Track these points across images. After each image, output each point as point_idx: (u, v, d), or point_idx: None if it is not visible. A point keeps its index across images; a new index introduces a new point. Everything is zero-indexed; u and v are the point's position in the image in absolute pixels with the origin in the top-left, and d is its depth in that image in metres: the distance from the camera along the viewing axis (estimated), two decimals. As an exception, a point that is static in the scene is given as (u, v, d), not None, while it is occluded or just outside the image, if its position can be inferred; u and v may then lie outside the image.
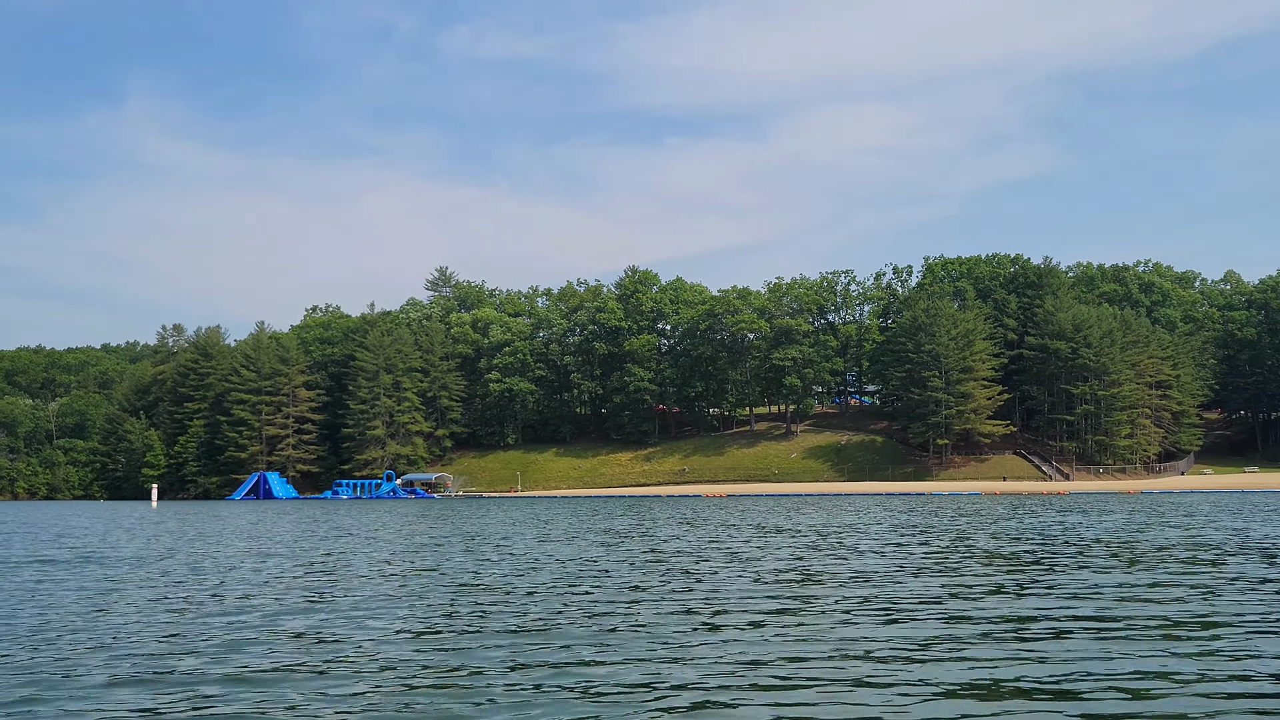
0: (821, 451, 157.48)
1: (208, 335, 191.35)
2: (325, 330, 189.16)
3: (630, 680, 10.88)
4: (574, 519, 53.26)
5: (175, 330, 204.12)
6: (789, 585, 19.33)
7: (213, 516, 68.12)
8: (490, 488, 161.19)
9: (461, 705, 9.87)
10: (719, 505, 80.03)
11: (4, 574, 23.94)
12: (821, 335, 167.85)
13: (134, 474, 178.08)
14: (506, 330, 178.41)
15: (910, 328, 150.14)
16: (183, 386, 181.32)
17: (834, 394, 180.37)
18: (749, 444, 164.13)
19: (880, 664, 11.66)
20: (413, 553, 29.52)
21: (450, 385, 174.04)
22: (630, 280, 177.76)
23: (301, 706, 9.91)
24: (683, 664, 11.72)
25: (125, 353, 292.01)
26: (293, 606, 17.11)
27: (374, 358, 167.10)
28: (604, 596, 17.85)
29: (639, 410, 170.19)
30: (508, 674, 11.24)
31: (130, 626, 15.03)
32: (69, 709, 9.95)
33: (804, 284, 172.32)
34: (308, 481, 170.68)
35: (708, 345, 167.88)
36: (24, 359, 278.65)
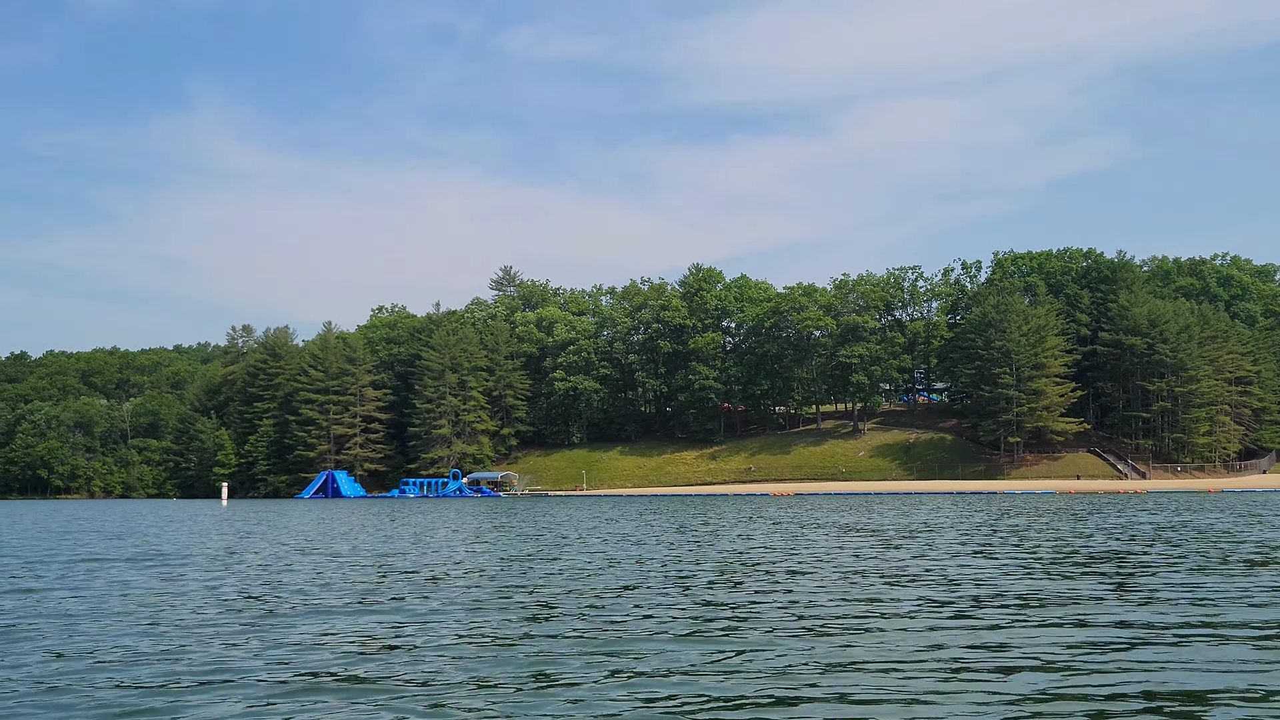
0: (889, 450, 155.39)
1: (276, 336, 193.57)
2: (391, 330, 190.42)
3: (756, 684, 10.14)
4: (653, 518, 52.54)
5: (245, 331, 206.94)
6: (899, 587, 18.45)
7: (316, 518, 68.37)
8: (555, 486, 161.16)
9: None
10: (791, 504, 78.91)
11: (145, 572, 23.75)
12: (889, 332, 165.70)
13: (206, 473, 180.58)
14: (571, 329, 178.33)
15: (980, 324, 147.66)
16: (252, 386, 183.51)
17: (902, 391, 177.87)
18: (815, 442, 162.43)
19: (1030, 671, 10.80)
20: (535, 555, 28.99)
21: (515, 384, 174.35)
22: (694, 278, 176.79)
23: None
24: (815, 671, 10.96)
25: (197, 354, 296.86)
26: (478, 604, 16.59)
27: (440, 357, 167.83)
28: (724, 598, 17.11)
29: (704, 408, 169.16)
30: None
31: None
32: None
33: (870, 280, 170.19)
34: (375, 480, 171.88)
35: (773, 343, 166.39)
36: (99, 360, 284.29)
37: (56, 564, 26.26)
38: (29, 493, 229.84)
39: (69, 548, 33.34)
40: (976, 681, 10.40)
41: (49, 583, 21.11)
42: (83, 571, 23.83)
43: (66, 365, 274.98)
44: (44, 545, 34.99)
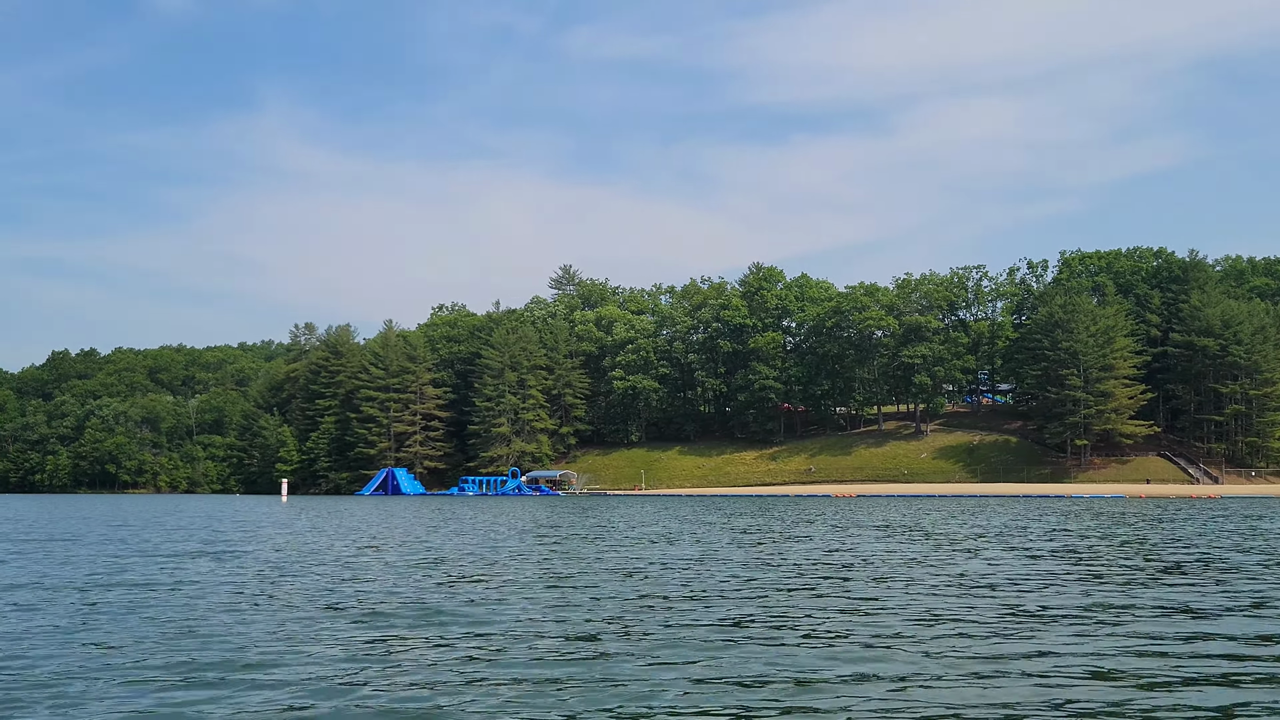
0: (953, 452, 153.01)
1: (338, 334, 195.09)
2: (451, 328, 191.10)
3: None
4: (714, 519, 51.74)
5: (307, 329, 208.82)
6: (985, 594, 17.52)
7: (384, 513, 68.43)
8: (614, 486, 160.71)
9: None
10: (857, 506, 77.63)
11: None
12: (952, 332, 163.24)
13: (268, 469, 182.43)
14: (630, 328, 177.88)
15: (1046, 324, 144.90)
16: (314, 384, 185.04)
17: (965, 393, 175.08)
18: (877, 443, 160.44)
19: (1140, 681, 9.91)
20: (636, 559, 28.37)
21: (574, 383, 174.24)
22: (755, 277, 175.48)
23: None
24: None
25: (260, 351, 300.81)
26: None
27: (499, 355, 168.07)
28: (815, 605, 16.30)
29: (764, 409, 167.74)
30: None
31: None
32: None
33: (933, 280, 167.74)
34: (434, 478, 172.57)
35: (834, 343, 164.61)
36: (166, 357, 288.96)
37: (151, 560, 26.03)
38: (97, 487, 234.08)
39: (155, 542, 33.26)
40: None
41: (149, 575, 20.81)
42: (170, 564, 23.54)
43: (134, 362, 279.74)
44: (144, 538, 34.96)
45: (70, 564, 24.41)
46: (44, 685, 10.47)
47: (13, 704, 9.68)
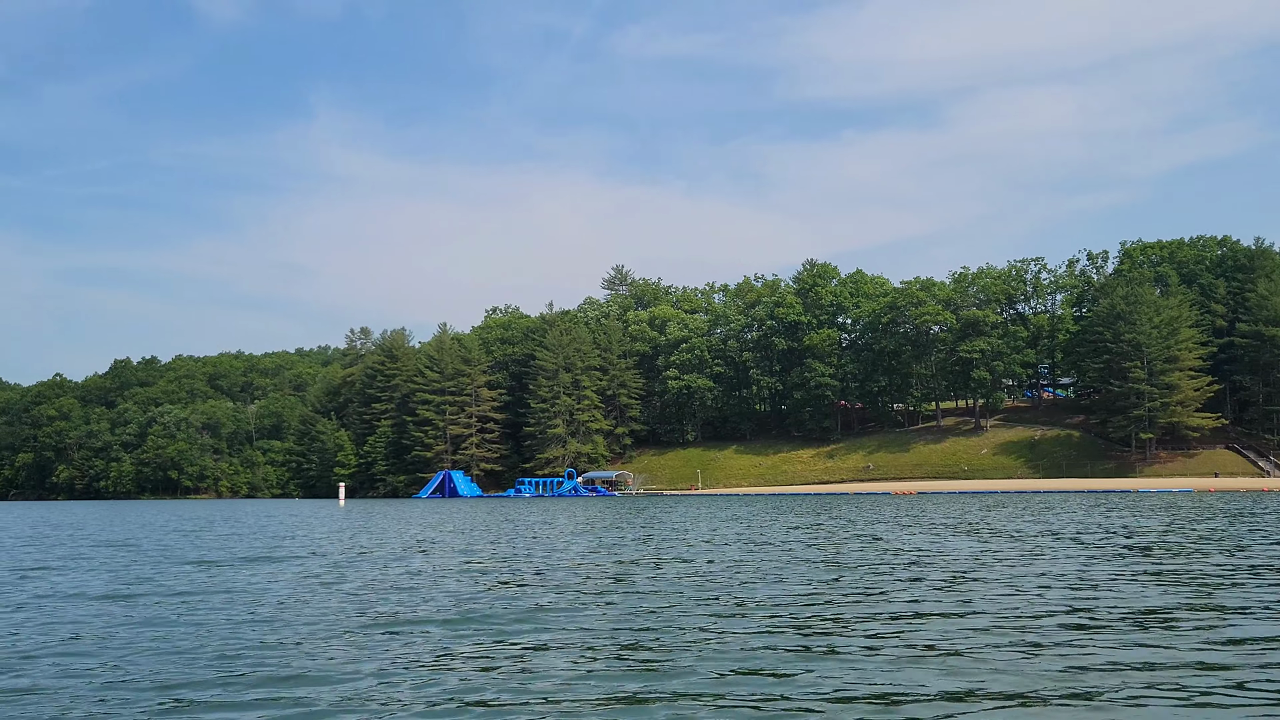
0: (1014, 447, 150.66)
1: (393, 338, 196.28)
2: (505, 330, 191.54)
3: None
4: (781, 519, 50.94)
5: (363, 334, 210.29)
6: (1086, 596, 16.71)
7: (458, 513, 68.39)
8: (670, 486, 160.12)
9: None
10: (921, 504, 76.40)
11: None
12: (1011, 326, 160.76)
13: (327, 473, 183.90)
14: (684, 327, 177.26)
15: (1108, 316, 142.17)
16: (370, 388, 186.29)
17: (1025, 387, 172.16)
18: (936, 440, 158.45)
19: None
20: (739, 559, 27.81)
21: (629, 383, 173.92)
22: (808, 274, 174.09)
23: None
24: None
25: (317, 356, 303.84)
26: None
27: (553, 357, 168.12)
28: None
29: (820, 406, 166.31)
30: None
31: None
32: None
33: (991, 273, 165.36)
34: (491, 480, 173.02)
35: (890, 339, 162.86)
36: (225, 364, 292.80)
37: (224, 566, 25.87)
38: (160, 493, 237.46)
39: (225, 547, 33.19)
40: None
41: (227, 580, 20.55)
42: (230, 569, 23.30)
43: (194, 369, 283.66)
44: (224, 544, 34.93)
45: (141, 570, 24.25)
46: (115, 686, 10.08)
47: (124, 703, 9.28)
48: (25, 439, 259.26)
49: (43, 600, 18.20)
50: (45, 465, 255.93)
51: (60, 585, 20.74)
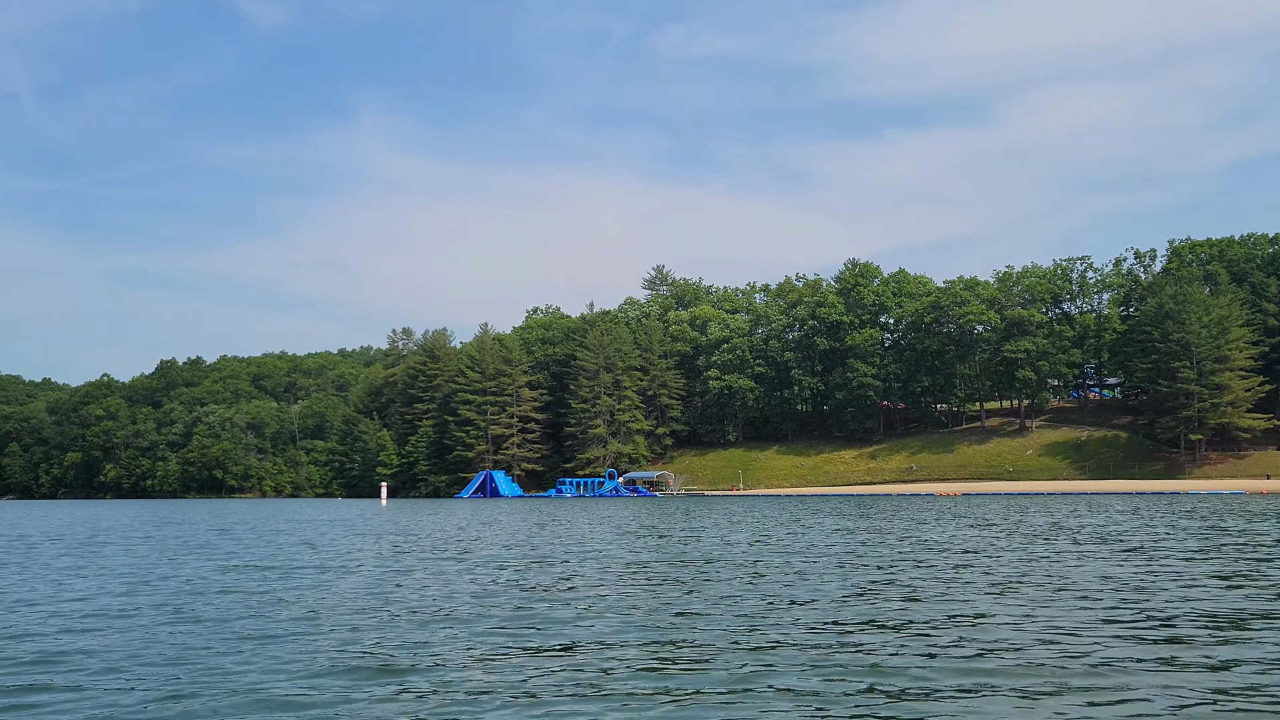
0: (1059, 448, 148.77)
1: (435, 338, 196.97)
2: (546, 331, 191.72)
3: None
4: (832, 521, 50.41)
5: (405, 334, 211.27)
6: (1161, 601, 16.20)
7: (530, 512, 68.37)
8: (711, 486, 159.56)
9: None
10: (968, 505, 75.49)
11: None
12: (1056, 325, 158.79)
13: (369, 472, 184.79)
14: (725, 327, 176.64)
15: (1156, 315, 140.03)
16: (412, 388, 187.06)
17: (1071, 387, 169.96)
18: (980, 441, 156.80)
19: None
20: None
21: (669, 383, 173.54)
22: (850, 273, 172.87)
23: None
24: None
25: (360, 357, 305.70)
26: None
27: (594, 357, 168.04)
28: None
29: (862, 406, 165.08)
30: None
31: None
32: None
33: (1036, 272, 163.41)
34: (532, 480, 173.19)
35: (934, 338, 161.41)
36: (269, 364, 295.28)
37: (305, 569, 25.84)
38: (205, 492, 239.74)
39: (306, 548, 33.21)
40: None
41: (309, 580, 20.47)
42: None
43: (239, 369, 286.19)
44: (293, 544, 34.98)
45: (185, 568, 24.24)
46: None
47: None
48: (74, 438, 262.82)
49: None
50: (93, 464, 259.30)
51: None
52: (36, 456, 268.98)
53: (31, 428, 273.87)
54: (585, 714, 9.11)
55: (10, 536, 31.35)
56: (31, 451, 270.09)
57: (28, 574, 23.05)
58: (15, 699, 9.83)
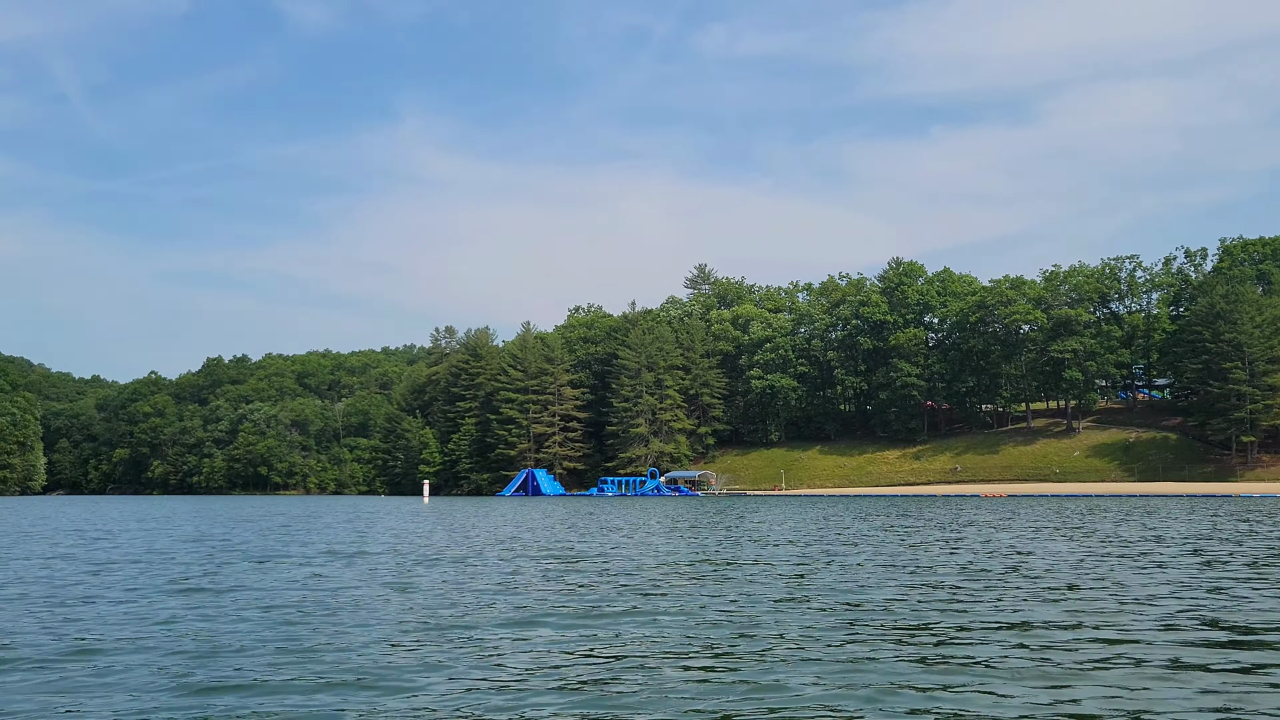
0: (1107, 450, 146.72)
1: (477, 336, 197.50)
2: (588, 329, 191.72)
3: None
4: (879, 521, 49.81)
5: (447, 332, 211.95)
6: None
7: (588, 513, 68.29)
8: (753, 486, 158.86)
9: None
10: (1017, 507, 74.47)
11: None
12: (1104, 325, 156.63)
13: (412, 470, 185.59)
14: (767, 326, 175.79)
15: (1207, 315, 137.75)
16: (455, 386, 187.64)
17: (1119, 388, 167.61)
18: (1026, 441, 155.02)
19: None
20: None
21: (711, 382, 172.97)
22: (894, 272, 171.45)
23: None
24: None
25: (403, 355, 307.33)
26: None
27: (636, 356, 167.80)
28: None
29: (906, 406, 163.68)
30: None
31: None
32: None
33: (1083, 271, 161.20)
34: (574, 479, 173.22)
35: (979, 338, 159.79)
36: (313, 362, 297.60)
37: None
38: (250, 489, 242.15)
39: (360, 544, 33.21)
40: None
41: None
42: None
43: (283, 367, 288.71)
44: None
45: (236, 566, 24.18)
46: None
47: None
48: (122, 435, 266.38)
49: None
50: (141, 461, 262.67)
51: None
52: (86, 453, 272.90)
53: (81, 424, 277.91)
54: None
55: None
56: (81, 448, 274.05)
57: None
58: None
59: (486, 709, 9.19)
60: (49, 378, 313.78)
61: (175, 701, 9.40)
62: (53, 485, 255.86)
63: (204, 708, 9.22)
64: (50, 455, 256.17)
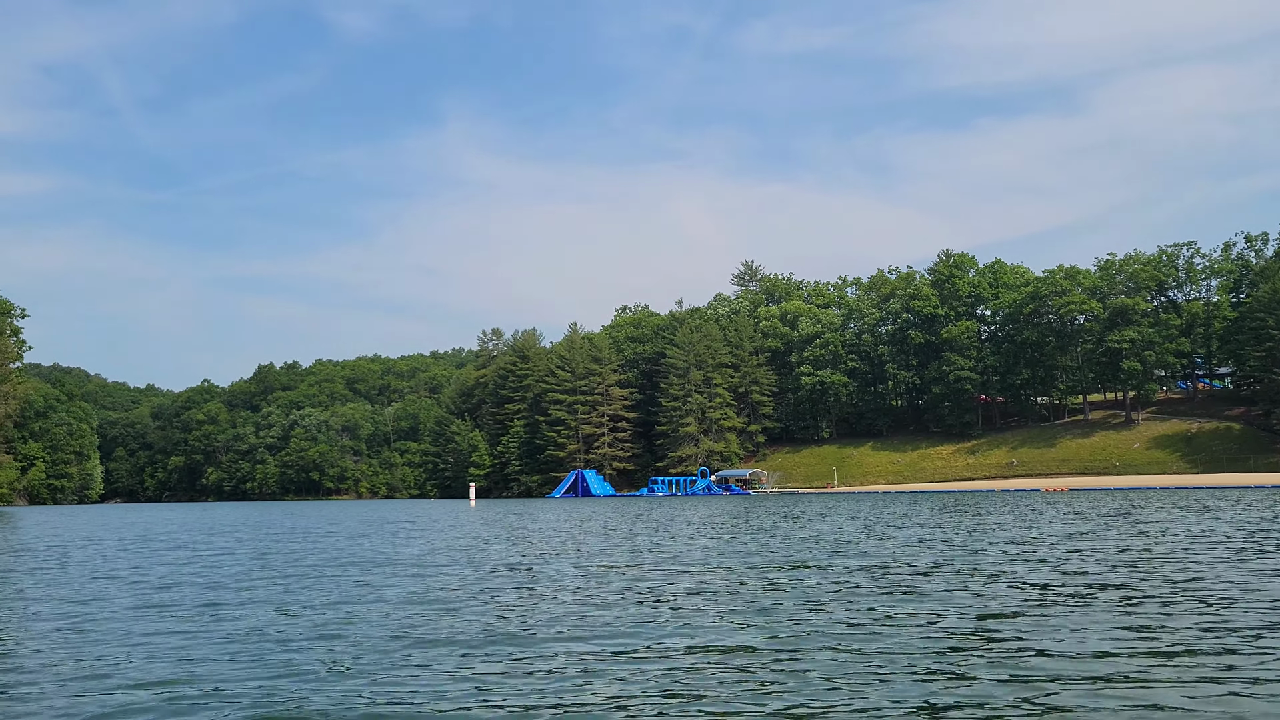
0: (1168, 441, 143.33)
1: (524, 338, 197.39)
2: (635, 329, 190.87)
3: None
4: (957, 520, 48.25)
5: (495, 335, 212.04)
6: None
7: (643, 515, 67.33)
8: (805, 484, 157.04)
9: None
10: (1082, 502, 72.41)
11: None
12: (1162, 314, 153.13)
13: (462, 473, 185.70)
14: (816, 322, 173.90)
15: (1269, 301, 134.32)
16: (503, 388, 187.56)
17: (1179, 378, 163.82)
18: (1083, 434, 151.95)
19: None
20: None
21: (761, 380, 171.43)
22: (945, 265, 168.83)
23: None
24: None
25: (451, 359, 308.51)
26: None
27: (684, 354, 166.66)
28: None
29: (959, 400, 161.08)
30: None
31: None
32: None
33: (1139, 259, 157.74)
34: (623, 479, 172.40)
35: (1033, 330, 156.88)
36: (363, 367, 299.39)
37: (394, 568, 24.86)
38: (303, 494, 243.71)
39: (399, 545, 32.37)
40: None
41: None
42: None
43: (333, 373, 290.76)
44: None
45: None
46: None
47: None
48: (176, 443, 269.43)
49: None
50: (195, 468, 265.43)
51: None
52: (142, 461, 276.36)
53: (137, 432, 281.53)
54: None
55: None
56: (137, 456, 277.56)
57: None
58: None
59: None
60: (105, 387, 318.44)
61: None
62: (109, 493, 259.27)
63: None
64: (107, 464, 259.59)
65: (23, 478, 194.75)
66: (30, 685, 9.91)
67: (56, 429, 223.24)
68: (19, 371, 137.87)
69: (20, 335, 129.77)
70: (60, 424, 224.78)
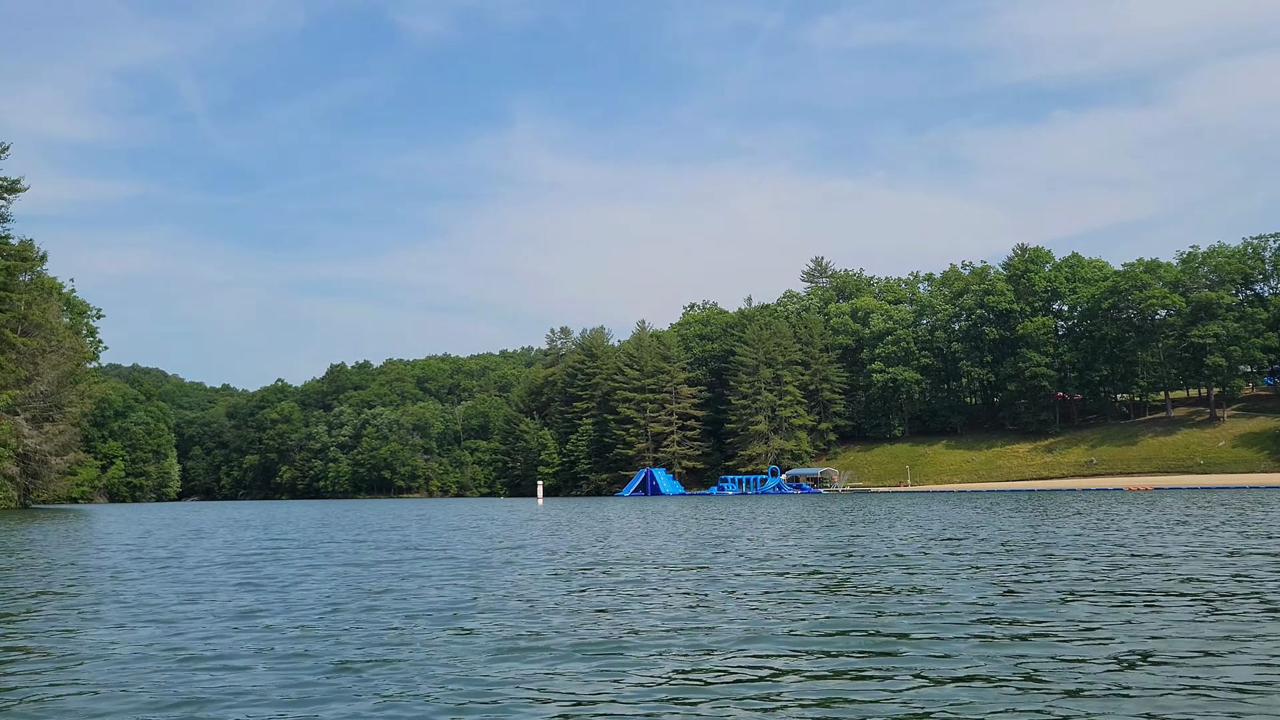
0: (1256, 439, 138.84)
1: (593, 336, 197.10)
2: (704, 326, 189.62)
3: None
4: (1055, 523, 46.56)
5: (563, 333, 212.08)
6: None
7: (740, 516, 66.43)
8: (877, 482, 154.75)
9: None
10: (1175, 502, 69.92)
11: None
12: (1248, 308, 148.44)
13: (531, 471, 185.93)
14: (887, 318, 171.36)
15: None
16: (571, 387, 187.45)
17: (1266, 374, 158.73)
18: (1165, 432, 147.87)
19: None
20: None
21: (831, 377, 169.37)
22: (1020, 259, 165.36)
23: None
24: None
25: (520, 357, 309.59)
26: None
27: (753, 352, 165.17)
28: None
29: (1036, 398, 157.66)
30: None
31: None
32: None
33: (1223, 252, 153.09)
34: (693, 478, 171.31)
35: (1112, 325, 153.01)
36: (433, 367, 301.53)
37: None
38: (375, 492, 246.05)
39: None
40: None
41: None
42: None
43: (404, 372, 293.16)
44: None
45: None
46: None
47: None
48: (251, 442, 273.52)
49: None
50: (270, 467, 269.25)
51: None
52: (218, 459, 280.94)
53: (213, 432, 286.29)
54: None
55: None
56: (213, 455, 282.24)
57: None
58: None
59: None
60: (182, 387, 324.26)
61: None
62: (186, 491, 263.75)
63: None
64: (184, 462, 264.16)
65: (102, 476, 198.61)
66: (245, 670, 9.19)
67: (135, 428, 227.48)
68: (96, 371, 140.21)
69: (96, 335, 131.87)
70: (139, 423, 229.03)
